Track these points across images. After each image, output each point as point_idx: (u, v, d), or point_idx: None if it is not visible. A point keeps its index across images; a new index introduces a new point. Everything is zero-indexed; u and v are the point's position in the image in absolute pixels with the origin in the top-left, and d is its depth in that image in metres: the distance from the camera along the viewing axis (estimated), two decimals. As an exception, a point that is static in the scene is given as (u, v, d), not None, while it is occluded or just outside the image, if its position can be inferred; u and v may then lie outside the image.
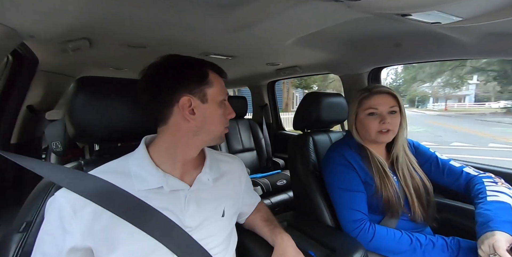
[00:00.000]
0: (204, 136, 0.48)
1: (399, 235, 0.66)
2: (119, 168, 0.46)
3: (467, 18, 0.51)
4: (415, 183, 0.73)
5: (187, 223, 0.46)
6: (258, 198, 0.69)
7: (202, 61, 0.49)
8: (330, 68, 1.46)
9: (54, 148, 1.13)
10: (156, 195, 0.45)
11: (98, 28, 0.79)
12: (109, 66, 1.52)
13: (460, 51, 0.88)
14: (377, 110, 0.72)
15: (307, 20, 0.76)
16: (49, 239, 0.39)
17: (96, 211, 0.40)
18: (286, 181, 1.58)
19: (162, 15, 0.72)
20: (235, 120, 1.95)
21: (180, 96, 0.44)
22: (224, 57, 1.25)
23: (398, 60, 1.13)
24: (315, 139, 0.97)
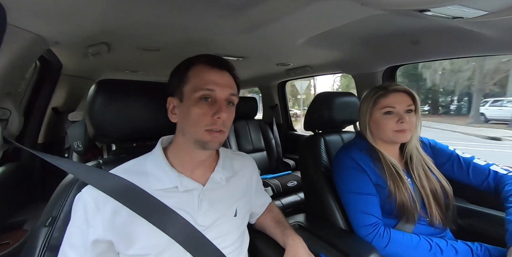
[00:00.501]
0: (188, 138, 0.46)
1: (417, 240, 0.62)
2: (137, 167, 0.48)
3: (493, 12, 0.48)
4: (431, 185, 0.69)
5: (201, 222, 0.47)
6: (269, 199, 0.69)
7: (192, 57, 0.47)
8: (342, 67, 1.43)
9: (76, 147, 1.19)
10: (171, 194, 0.46)
11: (115, 33, 0.83)
12: (125, 69, 1.59)
13: (484, 47, 0.82)
14: (395, 108, 0.69)
15: (319, 19, 0.74)
16: (76, 231, 0.42)
17: (116, 207, 0.42)
18: (296, 182, 1.56)
19: (175, 18, 0.74)
20: (245, 121, 1.96)
21: (167, 97, 0.48)
22: (235, 59, 1.27)
23: (416, 58, 1.08)
24: (327, 140, 0.95)
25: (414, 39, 0.91)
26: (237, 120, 1.93)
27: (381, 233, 0.64)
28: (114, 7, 0.63)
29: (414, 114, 0.70)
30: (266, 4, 0.66)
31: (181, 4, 0.65)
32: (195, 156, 0.49)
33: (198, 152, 0.48)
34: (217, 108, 0.44)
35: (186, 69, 0.46)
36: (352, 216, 0.70)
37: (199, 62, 0.46)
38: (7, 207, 0.98)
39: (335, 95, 0.99)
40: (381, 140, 0.74)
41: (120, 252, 0.43)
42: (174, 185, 0.46)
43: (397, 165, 0.70)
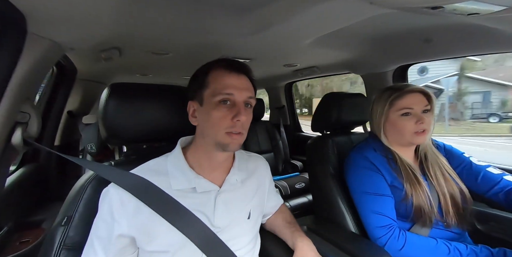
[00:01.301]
0: (208, 140, 0.47)
1: (434, 243, 0.60)
2: (158, 167, 0.49)
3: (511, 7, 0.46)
4: (449, 187, 0.66)
5: (216, 223, 0.47)
6: (281, 200, 0.69)
7: (210, 62, 0.49)
8: (351, 67, 1.40)
9: (89, 149, 1.24)
10: (189, 195, 0.47)
11: (126, 37, 0.86)
12: (135, 73, 1.64)
13: (502, 43, 0.79)
14: (413, 110, 0.67)
15: (326, 19, 0.74)
16: (103, 225, 0.44)
17: (138, 205, 0.44)
18: (304, 184, 1.54)
19: (184, 22, 0.75)
20: (252, 122, 1.96)
21: (187, 102, 0.50)
22: (242, 60, 1.27)
23: (428, 56, 1.05)
24: (335, 141, 0.94)
25: (425, 37, 0.88)
26: (244, 121, 1.93)
27: (396, 235, 0.62)
28: (125, 12, 0.65)
29: (431, 114, 0.69)
30: (273, 5, 0.66)
31: (190, 8, 0.66)
32: (214, 158, 0.50)
33: (217, 154, 0.49)
34: (237, 111, 0.45)
35: (205, 74, 0.47)
36: (366, 217, 0.68)
37: (217, 66, 0.47)
38: (27, 206, 1.02)
39: (344, 96, 0.97)
40: (396, 142, 0.72)
41: (141, 247, 0.44)
42: (192, 186, 0.47)
43: (414, 167, 0.68)
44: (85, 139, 1.24)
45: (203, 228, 0.45)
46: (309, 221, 0.81)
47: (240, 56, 1.21)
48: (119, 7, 0.61)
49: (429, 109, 0.69)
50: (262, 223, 0.66)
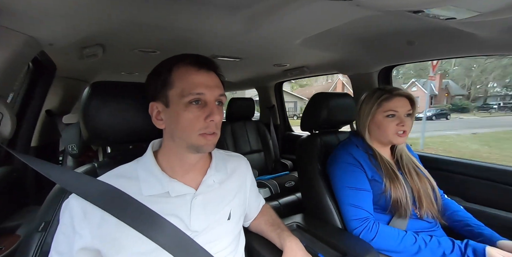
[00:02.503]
0: (179, 143, 0.45)
1: (403, 234, 0.64)
2: (128, 172, 0.47)
3: (485, 13, 0.49)
4: (422, 182, 0.74)
5: (193, 227, 0.46)
6: (263, 200, 0.68)
7: (171, 58, 0.45)
8: (339, 67, 1.43)
9: (70, 150, 1.18)
10: (163, 200, 0.45)
11: (111, 34, 0.82)
12: (121, 71, 1.58)
13: (476, 47, 0.84)
14: (397, 112, 0.73)
15: (315, 20, 0.75)
16: (63, 239, 0.41)
17: (103, 215, 0.41)
18: (294, 183, 1.56)
19: (171, 20, 0.73)
20: (242, 122, 1.96)
21: (148, 103, 0.46)
22: (232, 59, 1.26)
23: (411, 58, 1.10)
24: (324, 140, 0.96)
25: (409, 39, 0.92)
26: (234, 121, 1.93)
27: (370, 227, 0.66)
28: (109, 8, 0.62)
29: (412, 117, 0.74)
30: (262, 5, 0.66)
31: (178, 6, 0.64)
32: (186, 160, 0.48)
33: (189, 156, 0.47)
34: (209, 111, 0.43)
35: (168, 72, 0.43)
36: (344, 209, 0.73)
37: (183, 63, 0.44)
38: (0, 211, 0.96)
39: (332, 96, 0.99)
40: (377, 141, 0.78)
41: None
42: (166, 190, 0.45)
43: (392, 163, 0.74)
44: (66, 140, 1.18)
45: (177, 233, 0.43)
46: (298, 219, 0.82)
47: (230, 55, 1.20)
48: (103, 3, 0.59)
49: (411, 113, 0.74)
50: (246, 227, 0.66)
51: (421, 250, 0.60)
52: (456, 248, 0.58)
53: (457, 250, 0.58)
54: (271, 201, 1.41)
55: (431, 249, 0.59)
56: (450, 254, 0.57)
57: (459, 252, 0.58)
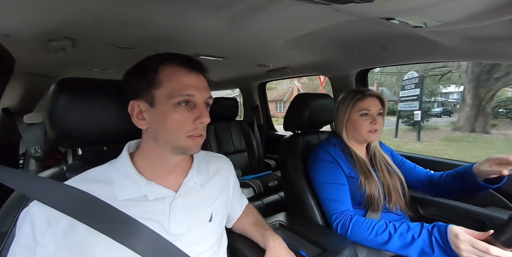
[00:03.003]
0: (164, 144, 0.43)
1: (375, 222, 0.67)
2: (101, 176, 0.44)
3: (446, 23, 0.54)
4: (392, 178, 0.80)
5: (172, 231, 0.44)
6: (246, 201, 0.68)
7: (156, 56, 0.43)
8: (319, 69, 1.48)
9: (33, 153, 1.06)
10: (139, 204, 0.43)
11: (82, 27, 0.76)
12: (94, 67, 1.47)
13: (441, 53, 0.92)
14: (370, 111, 0.78)
15: (297, 22, 0.76)
16: (21, 251, 0.37)
17: (72, 223, 0.38)
18: (277, 182, 1.58)
19: (150, 15, 0.70)
20: (225, 122, 1.94)
21: (129, 101, 0.43)
22: (214, 58, 1.24)
23: (384, 62, 1.17)
24: (306, 140, 0.98)
25: (382, 44, 0.99)
26: (218, 121, 1.90)
27: (345, 219, 0.70)
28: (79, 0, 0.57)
29: (382, 116, 0.80)
30: (245, 5, 0.66)
31: (158, 2, 0.61)
32: (168, 162, 0.46)
33: (171, 158, 0.46)
34: (199, 113, 0.42)
35: (155, 71, 0.42)
36: (325, 204, 0.76)
37: (171, 63, 0.42)
38: None
39: (313, 97, 1.02)
40: (353, 139, 0.83)
41: None
42: (143, 194, 0.43)
43: (366, 161, 0.80)
44: (28, 141, 1.06)
45: (154, 238, 0.41)
46: (281, 218, 0.83)
47: (213, 54, 1.18)
48: None
49: (382, 112, 0.80)
50: (230, 228, 0.66)
51: (392, 237, 0.62)
52: (424, 231, 0.60)
53: (424, 232, 0.60)
54: (255, 201, 1.42)
55: (401, 233, 0.61)
56: (418, 237, 0.59)
57: (427, 233, 0.59)
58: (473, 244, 0.51)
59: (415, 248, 0.59)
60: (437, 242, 0.56)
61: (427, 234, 0.59)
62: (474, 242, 0.51)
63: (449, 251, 0.55)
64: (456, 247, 0.53)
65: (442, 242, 0.56)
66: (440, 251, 0.56)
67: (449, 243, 0.54)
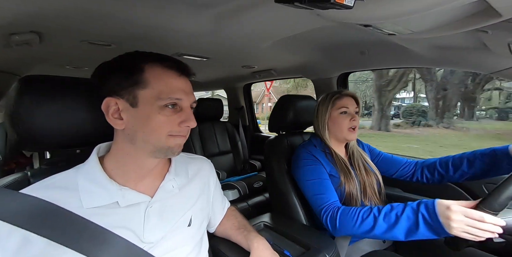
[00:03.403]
0: (142, 146, 0.41)
1: (360, 208, 0.66)
2: (64, 182, 0.40)
3: (416, 32, 0.58)
4: (369, 176, 0.84)
5: (147, 239, 0.42)
6: (228, 203, 0.67)
7: (141, 55, 0.41)
8: (303, 72, 1.52)
9: (-7, 157, 0.96)
10: (110, 211, 0.40)
11: (51, 21, 0.70)
12: (65, 64, 1.36)
13: (412, 60, 1.00)
14: (348, 109, 0.83)
15: (280, 25, 0.78)
16: None
17: (27, 237, 0.34)
18: (262, 183, 1.59)
19: (128, 12, 0.66)
20: (210, 123, 1.91)
21: (104, 97, 0.40)
22: (198, 59, 1.22)
23: (363, 66, 1.24)
24: (290, 141, 1.00)
25: (361, 49, 1.04)
26: (202, 122, 1.86)
27: (333, 212, 0.69)
28: None
29: (358, 115, 0.85)
30: (229, 5, 0.66)
31: None
32: (144, 165, 0.44)
33: (149, 160, 0.44)
34: (186, 116, 0.42)
35: (139, 70, 0.40)
36: (311, 201, 0.77)
37: (159, 65, 0.41)
38: None
39: (297, 98, 1.05)
40: (334, 138, 0.87)
41: None
42: (114, 200, 0.40)
43: (346, 160, 0.83)
44: (-14, 145, 0.96)
45: (127, 247, 0.38)
46: (266, 219, 0.84)
47: (197, 54, 1.16)
48: None
49: (358, 111, 0.85)
50: (212, 232, 0.65)
51: (377, 220, 0.60)
52: (407, 208, 0.58)
53: (408, 209, 0.58)
54: (240, 203, 1.41)
55: (385, 214, 0.60)
56: (401, 215, 0.58)
57: (411, 210, 0.58)
58: (466, 214, 0.49)
59: (401, 228, 0.57)
60: (423, 217, 0.54)
61: (411, 211, 0.57)
62: (468, 212, 0.49)
63: (435, 226, 0.53)
64: (447, 218, 0.51)
65: (429, 217, 0.54)
66: (425, 227, 0.54)
67: (437, 216, 0.52)
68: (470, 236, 0.50)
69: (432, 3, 0.42)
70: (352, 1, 0.39)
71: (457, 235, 0.50)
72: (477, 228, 0.49)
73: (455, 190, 0.98)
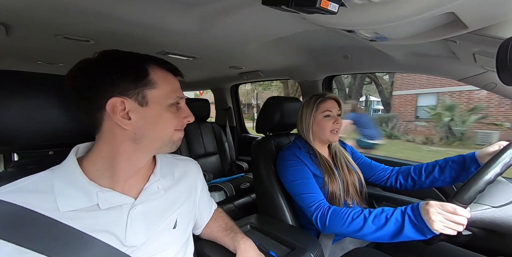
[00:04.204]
0: (148, 144, 0.42)
1: (352, 209, 0.68)
2: (38, 185, 0.37)
3: (395, 39, 0.62)
4: (351, 176, 0.87)
5: (129, 242, 0.40)
6: (214, 205, 0.67)
7: (143, 57, 0.43)
8: (290, 74, 1.55)
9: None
10: (89, 214, 0.38)
11: (19, 12, 0.65)
12: (36, 60, 1.26)
13: (391, 65, 1.05)
14: (331, 112, 0.85)
15: (267, 27, 0.79)
16: None
17: None
18: (249, 184, 1.58)
19: (109, 6, 0.63)
20: (197, 123, 1.87)
21: (109, 97, 0.39)
22: (185, 58, 1.19)
23: (346, 70, 1.29)
24: (277, 142, 1.01)
25: (344, 54, 1.08)
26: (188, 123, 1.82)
27: (324, 210, 0.71)
28: None
29: (340, 118, 0.87)
30: (216, 5, 0.65)
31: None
32: (137, 164, 0.43)
33: (144, 158, 0.44)
34: (187, 112, 0.47)
35: (144, 71, 0.41)
36: (299, 200, 0.78)
37: (158, 66, 0.43)
38: None
39: (285, 100, 1.06)
40: (318, 140, 0.89)
41: None
42: (94, 203, 0.38)
43: (329, 160, 0.86)
44: None
45: (107, 252, 0.37)
46: (253, 220, 0.84)
47: (183, 54, 1.13)
48: None
49: (340, 114, 0.88)
50: (198, 235, 0.64)
51: (367, 220, 0.62)
52: (397, 211, 0.61)
53: (397, 212, 0.61)
54: (227, 204, 1.39)
55: (375, 216, 0.62)
56: (390, 217, 0.60)
57: (400, 213, 0.60)
58: (442, 207, 0.54)
59: (388, 229, 0.59)
60: (409, 218, 0.58)
61: (400, 213, 0.60)
62: (443, 204, 0.54)
63: (420, 224, 0.56)
64: (426, 212, 0.55)
65: (414, 216, 0.57)
66: (410, 227, 0.57)
67: (420, 214, 0.56)
68: (450, 231, 0.53)
69: (407, 13, 0.45)
70: (336, 7, 0.41)
71: (439, 230, 0.54)
72: (451, 221, 0.53)
73: (431, 190, 1.05)
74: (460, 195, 0.55)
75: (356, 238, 0.71)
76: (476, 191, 0.54)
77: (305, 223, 0.88)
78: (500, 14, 0.45)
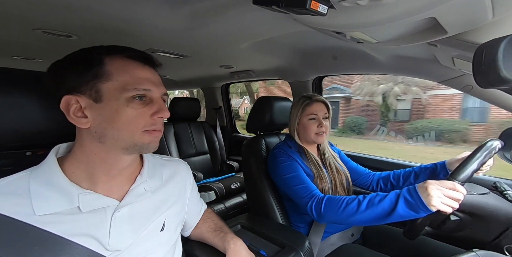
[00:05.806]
0: (112, 144, 0.38)
1: (346, 196, 0.69)
2: (12, 188, 0.35)
3: (380, 41, 0.64)
4: (339, 175, 0.89)
5: (112, 246, 0.39)
6: (204, 206, 0.66)
7: (100, 48, 0.39)
8: (281, 74, 1.56)
9: None
10: (69, 218, 0.36)
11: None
12: (12, 55, 1.19)
13: (377, 67, 1.09)
14: (317, 115, 0.85)
15: (258, 27, 0.79)
16: None
17: None
18: (240, 184, 1.58)
19: (98, 2, 0.61)
20: (187, 123, 1.84)
21: (61, 96, 0.37)
22: (174, 56, 1.17)
23: (335, 71, 1.31)
24: (267, 141, 1.01)
25: (334, 55, 1.11)
26: (178, 122, 1.79)
27: (319, 199, 0.70)
28: None
29: (328, 120, 0.88)
30: (206, 3, 0.64)
31: None
32: (116, 165, 0.41)
33: (122, 159, 0.41)
34: (158, 107, 0.40)
35: (99, 63, 0.37)
36: (292, 193, 0.78)
37: (119, 55, 0.39)
38: None
39: (275, 100, 1.07)
40: (305, 141, 0.90)
41: None
42: (74, 205, 0.37)
43: (318, 160, 0.87)
44: None
45: (87, 256, 0.35)
46: (243, 219, 0.83)
47: (172, 51, 1.11)
48: None
49: (327, 117, 0.88)
50: (187, 236, 0.63)
51: (361, 204, 0.63)
52: (391, 193, 0.61)
53: (392, 194, 0.61)
54: (217, 204, 1.38)
55: (369, 199, 0.63)
56: (384, 198, 0.60)
57: (394, 195, 0.60)
58: (440, 183, 0.55)
59: (382, 208, 0.59)
60: (404, 198, 0.58)
61: (394, 194, 0.60)
62: (442, 182, 0.56)
63: (415, 203, 0.55)
64: (424, 189, 0.55)
65: (410, 196, 0.57)
66: (404, 206, 0.57)
67: (417, 193, 0.56)
68: (446, 207, 0.55)
69: (392, 16, 0.47)
70: (326, 8, 0.41)
71: (436, 206, 0.54)
72: (449, 196, 0.55)
73: None
74: (457, 173, 0.58)
75: (350, 223, 0.71)
76: (472, 170, 0.58)
77: (295, 221, 0.89)
78: (477, 20, 0.48)
